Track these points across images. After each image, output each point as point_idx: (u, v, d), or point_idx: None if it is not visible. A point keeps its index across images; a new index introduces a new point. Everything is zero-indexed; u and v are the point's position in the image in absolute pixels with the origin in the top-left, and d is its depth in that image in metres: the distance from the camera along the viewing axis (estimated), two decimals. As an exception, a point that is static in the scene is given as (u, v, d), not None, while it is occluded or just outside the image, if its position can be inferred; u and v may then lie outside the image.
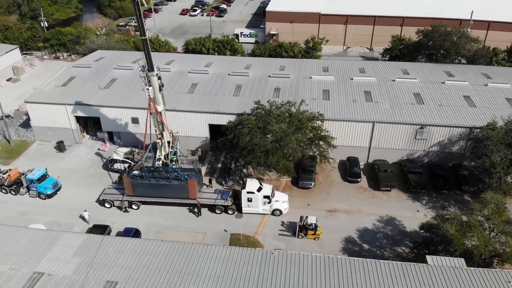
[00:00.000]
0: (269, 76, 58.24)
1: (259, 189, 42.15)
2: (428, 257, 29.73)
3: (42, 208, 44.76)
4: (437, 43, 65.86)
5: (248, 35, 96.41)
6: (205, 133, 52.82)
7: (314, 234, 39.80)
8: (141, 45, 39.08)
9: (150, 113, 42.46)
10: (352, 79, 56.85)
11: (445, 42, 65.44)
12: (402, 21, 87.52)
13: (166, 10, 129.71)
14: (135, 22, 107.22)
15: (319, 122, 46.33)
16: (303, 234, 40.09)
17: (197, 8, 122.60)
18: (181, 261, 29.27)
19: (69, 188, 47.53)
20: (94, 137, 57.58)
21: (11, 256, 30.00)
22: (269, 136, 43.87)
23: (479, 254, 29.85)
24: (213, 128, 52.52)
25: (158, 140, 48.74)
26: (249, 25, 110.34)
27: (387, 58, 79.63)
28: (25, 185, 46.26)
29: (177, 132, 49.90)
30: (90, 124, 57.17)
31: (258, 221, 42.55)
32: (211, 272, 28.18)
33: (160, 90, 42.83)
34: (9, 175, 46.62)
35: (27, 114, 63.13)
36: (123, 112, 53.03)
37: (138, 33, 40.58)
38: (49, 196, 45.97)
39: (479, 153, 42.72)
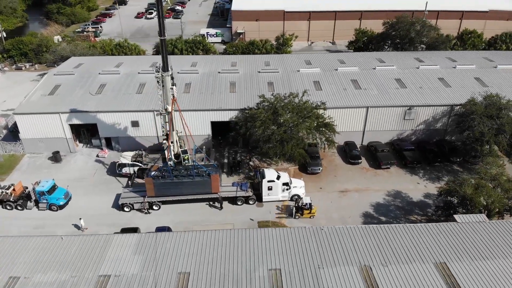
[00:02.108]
0: (259, 72, 60.37)
1: (278, 177, 44.29)
2: (456, 216, 33.82)
3: (56, 219, 43.44)
4: (403, 33, 71.75)
5: (214, 35, 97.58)
6: (207, 131, 53.77)
7: (310, 213, 42.67)
8: (160, 44, 39.38)
9: (168, 112, 42.86)
10: (336, 69, 60.59)
11: (410, 32, 71.48)
12: (361, 15, 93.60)
13: (118, 14, 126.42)
14: (92, 27, 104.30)
15: (321, 111, 49.34)
16: (299, 214, 42.81)
17: (153, 11, 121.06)
18: (244, 245, 30.65)
19: (79, 197, 46.40)
20: (88, 145, 56.16)
21: (67, 264, 29.54)
22: (281, 126, 46.05)
23: (495, 209, 34.45)
24: (214, 126, 53.70)
25: (165, 141, 49.34)
26: (210, 25, 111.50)
27: (352, 50, 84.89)
28: (33, 198, 44.54)
29: (180, 132, 50.44)
30: (84, 132, 55.72)
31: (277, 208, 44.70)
32: (278, 251, 29.92)
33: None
34: (13, 189, 44.63)
35: (6, 127, 60.11)
36: (122, 116, 52.48)
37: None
38: (61, 207, 44.68)
39: (465, 127, 48.13)
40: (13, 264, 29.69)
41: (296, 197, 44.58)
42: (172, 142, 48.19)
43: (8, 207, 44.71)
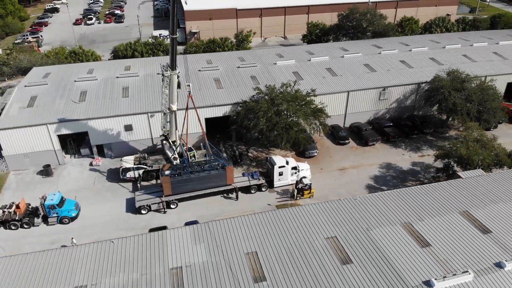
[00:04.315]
0: (238, 67, 62.30)
1: (287, 163, 46.98)
2: (460, 173, 39.22)
3: (71, 232, 41.83)
4: (357, 23, 77.96)
5: (167, 36, 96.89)
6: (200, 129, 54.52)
7: (309, 193, 46.30)
8: (170, 43, 39.96)
9: (171, 111, 43.50)
10: (310, 60, 64.58)
11: (362, 21, 77.90)
12: (308, 9, 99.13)
13: (53, 22, 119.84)
14: (32, 37, 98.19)
15: (313, 97, 52.84)
16: (300, 195, 46.28)
17: (92, 17, 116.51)
18: (299, 221, 32.92)
19: (87, 207, 45.07)
20: (76, 155, 54.08)
21: (132, 264, 29.50)
22: (281, 114, 48.73)
23: (487, 165, 40.49)
24: (207, 122, 54.76)
25: (165, 142, 49.69)
26: (156, 27, 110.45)
27: (305, 43, 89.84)
28: (41, 213, 42.46)
29: (177, 130, 50.99)
30: (70, 142, 53.54)
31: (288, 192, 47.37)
32: (323, 223, 32.62)
33: (179, 87, 44.06)
34: (17, 207, 42.19)
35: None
36: (115, 122, 51.47)
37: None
38: (73, 219, 43.17)
39: (436, 100, 54.64)
40: (72, 274, 28.98)
41: (296, 180, 47.24)
42: (174, 141, 48.92)
43: (13, 227, 42.14)
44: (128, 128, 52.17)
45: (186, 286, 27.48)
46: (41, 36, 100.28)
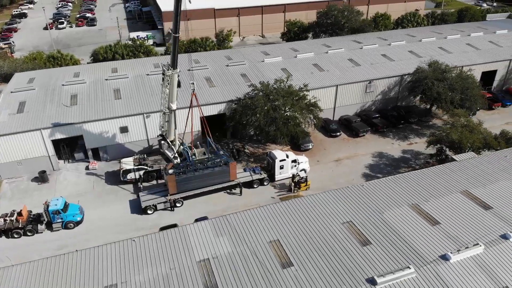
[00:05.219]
0: (227, 66, 63.05)
1: (287, 156, 48.24)
2: (454, 157, 41.76)
3: (77, 236, 41.45)
4: (337, 20, 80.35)
5: (145, 38, 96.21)
6: (197, 127, 54.92)
7: (306, 185, 48.01)
8: (172, 41, 40.45)
9: (171, 111, 43.91)
10: (296, 57, 66.16)
11: (340, 18, 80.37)
12: (284, 7, 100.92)
13: (23, 28, 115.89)
14: (3, 44, 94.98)
15: (306, 92, 54.34)
16: (297, 188, 47.89)
17: (63, 21, 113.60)
18: (315, 208, 34.24)
19: (90, 211, 44.57)
20: (70, 160, 53.14)
21: (158, 260, 29.69)
22: (279, 110, 49.93)
23: (477, 148, 43.31)
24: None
25: (163, 142, 49.75)
26: (131, 29, 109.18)
27: (284, 41, 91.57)
28: (45, 220, 41.67)
29: (176, 129, 51.20)
30: (64, 147, 52.54)
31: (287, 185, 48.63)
32: (338, 212, 34.06)
33: (179, 86, 44.42)
34: (19, 215, 41.24)
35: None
36: (110, 124, 51.02)
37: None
38: (78, 223, 42.65)
39: (420, 90, 57.48)
40: (99, 274, 28.93)
41: (293, 174, 48.49)
42: (172, 141, 49.13)
43: (16, 235, 41.16)
44: (124, 130, 51.85)
45: (217, 276, 28.13)
46: (13, 42, 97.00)
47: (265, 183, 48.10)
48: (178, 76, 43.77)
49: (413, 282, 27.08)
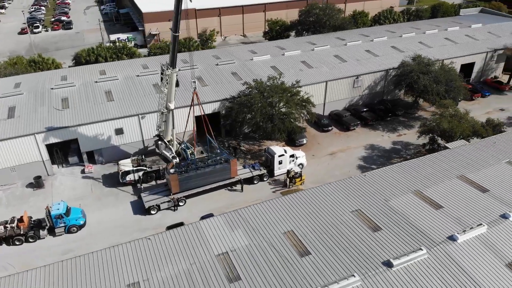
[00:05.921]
0: (217, 65, 63.49)
1: (285, 151, 49.18)
2: (447, 145, 43.78)
3: (81, 240, 40.99)
4: (319, 18, 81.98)
5: (126, 40, 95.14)
6: (191, 126, 55.02)
7: (300, 180, 49.30)
8: (172, 40, 40.74)
9: (169, 110, 44.11)
10: (283, 55, 67.26)
11: (322, 16, 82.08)
12: (265, 7, 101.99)
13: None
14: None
15: (299, 89, 55.48)
16: (292, 183, 49.13)
17: (38, 25, 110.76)
18: (319, 201, 35.25)
19: (91, 214, 44.08)
20: (64, 164, 52.25)
21: (176, 256, 29.90)
22: (274, 106, 50.84)
23: (466, 135, 45.55)
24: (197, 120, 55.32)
25: (160, 142, 49.74)
26: (109, 32, 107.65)
27: (267, 40, 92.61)
28: (47, 225, 40.97)
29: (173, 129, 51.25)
30: (57, 151, 51.60)
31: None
32: (346, 201, 35.24)
33: (177, 85, 44.61)
34: (20, 221, 40.38)
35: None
36: (105, 126, 50.54)
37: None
38: (81, 227, 42.17)
39: (405, 84, 59.66)
40: (120, 273, 28.94)
41: (287, 169, 49.46)
42: (169, 141, 49.23)
43: (17, 242, 40.30)
44: (119, 131, 51.47)
45: (238, 268, 28.70)
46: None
47: (265, 179, 48.86)
48: (177, 75, 43.87)
49: (426, 263, 28.50)
